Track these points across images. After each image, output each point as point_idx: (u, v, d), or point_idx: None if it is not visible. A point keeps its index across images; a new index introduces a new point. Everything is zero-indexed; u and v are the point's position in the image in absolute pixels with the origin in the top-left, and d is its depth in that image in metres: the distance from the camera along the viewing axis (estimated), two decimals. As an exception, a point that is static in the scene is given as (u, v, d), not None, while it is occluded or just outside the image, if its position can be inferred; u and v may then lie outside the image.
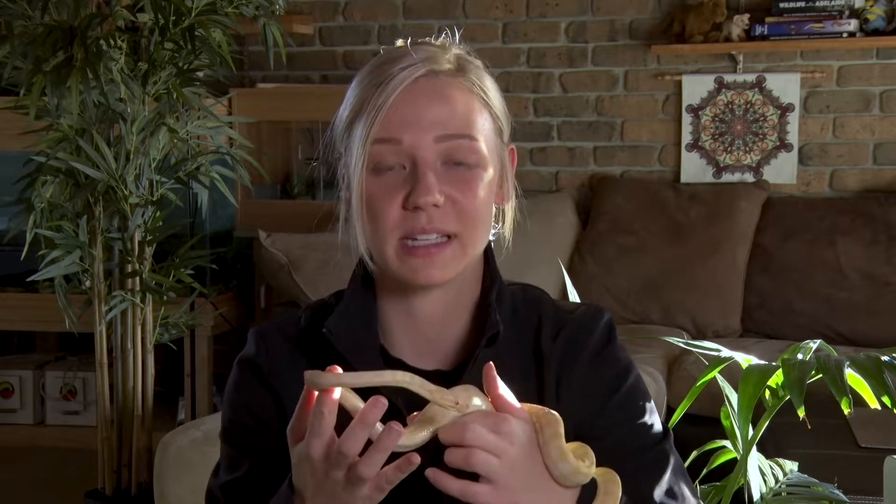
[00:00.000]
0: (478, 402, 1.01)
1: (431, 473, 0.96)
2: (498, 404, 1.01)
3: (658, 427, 1.17)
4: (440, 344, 1.17)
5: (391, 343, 1.17)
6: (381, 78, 1.10)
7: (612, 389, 1.15)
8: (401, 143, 1.09)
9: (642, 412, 1.16)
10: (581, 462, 1.02)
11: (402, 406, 1.05)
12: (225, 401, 1.21)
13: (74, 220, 2.88)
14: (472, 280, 1.17)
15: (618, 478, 1.04)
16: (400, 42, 1.17)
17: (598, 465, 1.06)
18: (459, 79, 1.13)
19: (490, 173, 1.13)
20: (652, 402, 1.19)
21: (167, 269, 2.98)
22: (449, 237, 1.11)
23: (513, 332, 1.16)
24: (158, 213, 2.96)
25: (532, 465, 0.99)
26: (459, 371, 1.13)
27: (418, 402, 1.00)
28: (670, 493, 1.12)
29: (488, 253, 1.19)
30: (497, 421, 0.98)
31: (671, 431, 1.18)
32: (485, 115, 1.14)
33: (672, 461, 1.14)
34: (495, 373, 1.01)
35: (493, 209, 1.18)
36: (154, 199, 2.92)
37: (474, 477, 0.98)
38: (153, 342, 3.03)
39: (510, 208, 1.22)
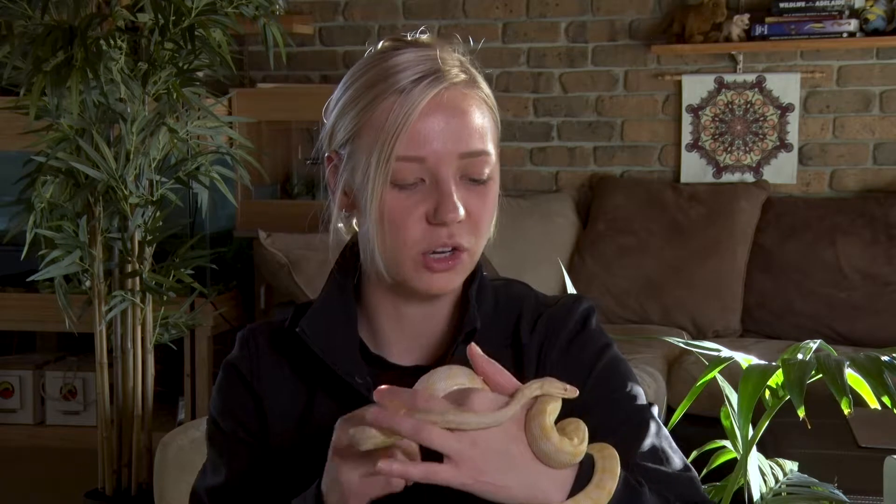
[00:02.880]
0: (462, 380, 0.98)
1: (385, 465, 0.91)
2: (488, 381, 0.99)
3: (641, 399, 1.16)
4: (424, 340, 1.18)
5: (376, 340, 1.18)
6: (393, 87, 1.09)
7: (590, 367, 1.15)
8: (424, 161, 1.09)
9: (623, 385, 1.16)
10: (567, 440, 0.96)
11: None
12: (211, 403, 1.22)
13: (74, 220, 2.88)
14: None
15: (616, 454, 1.00)
16: (386, 43, 1.15)
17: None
18: (473, 91, 1.12)
19: (497, 181, 1.15)
20: (634, 376, 1.18)
21: (167, 269, 2.98)
22: (462, 250, 1.12)
23: (493, 327, 1.17)
24: (158, 213, 2.96)
25: (508, 442, 0.94)
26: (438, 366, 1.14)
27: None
28: (653, 455, 1.11)
29: None
30: (461, 394, 0.96)
31: (655, 405, 1.18)
32: (493, 125, 1.14)
33: (654, 426, 1.14)
34: (478, 350, 1.00)
35: None
36: (154, 199, 2.92)
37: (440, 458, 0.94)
38: (153, 342, 3.03)
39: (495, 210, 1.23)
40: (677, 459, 1.13)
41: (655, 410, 1.17)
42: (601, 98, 4.29)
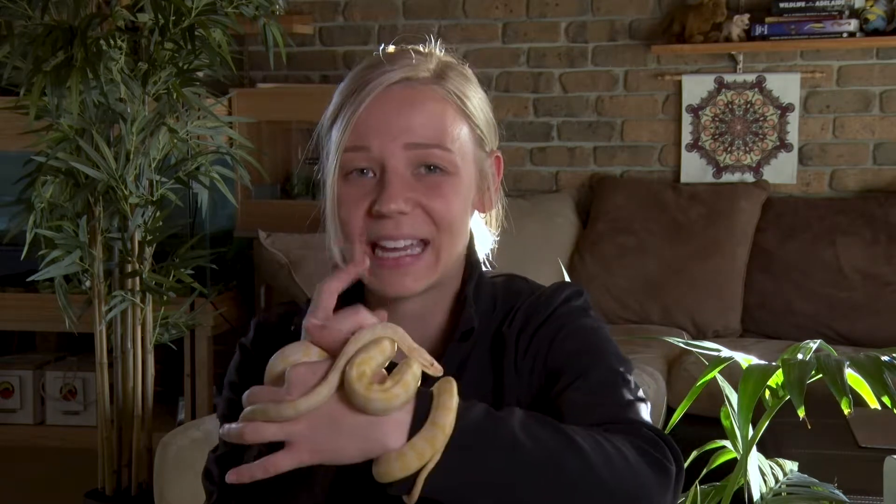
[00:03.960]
0: (296, 356, 0.97)
1: (232, 477, 0.94)
2: (323, 348, 0.98)
3: (607, 352, 1.12)
4: (423, 340, 1.16)
5: None
6: (358, 84, 1.11)
7: (552, 337, 1.13)
8: (370, 151, 1.09)
9: (583, 340, 1.13)
10: (377, 387, 0.92)
11: None
12: (225, 382, 1.23)
13: (74, 220, 2.88)
14: (454, 275, 1.18)
15: (452, 388, 0.96)
16: (391, 48, 1.17)
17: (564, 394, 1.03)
18: (434, 87, 1.12)
19: (463, 181, 1.13)
20: (605, 338, 1.14)
21: (167, 269, 2.98)
22: (425, 243, 1.11)
23: (488, 324, 1.16)
24: (158, 213, 2.95)
25: (329, 406, 0.93)
26: None
27: None
28: (597, 387, 1.07)
29: (469, 246, 1.19)
30: (285, 375, 0.96)
31: (630, 364, 1.14)
32: (460, 124, 1.13)
33: (606, 367, 1.10)
34: (309, 321, 0.99)
35: (470, 217, 1.18)
36: (154, 199, 2.92)
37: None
38: (153, 342, 3.03)
39: (495, 217, 1.22)
40: (628, 394, 1.09)
41: (628, 367, 1.12)
42: (601, 98, 4.29)
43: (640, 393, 1.10)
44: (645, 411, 1.08)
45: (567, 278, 2.00)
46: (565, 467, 0.94)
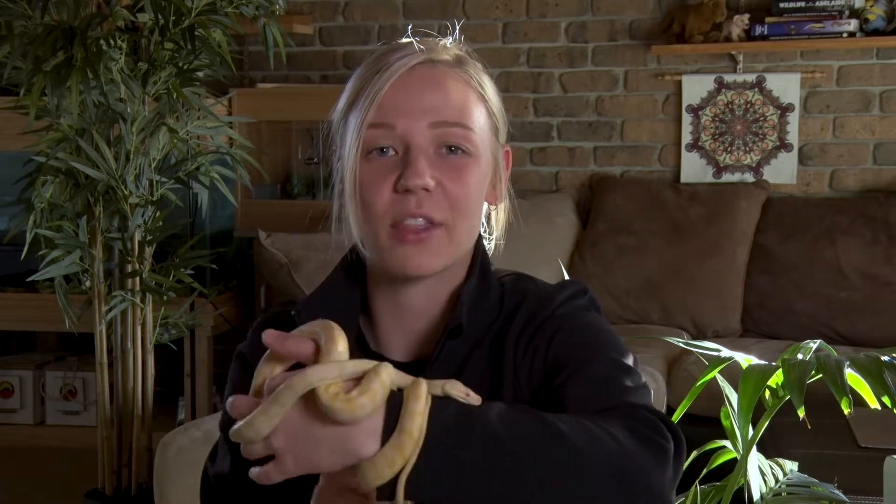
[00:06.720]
0: (266, 372, 0.97)
1: (252, 471, 0.96)
2: (292, 358, 0.97)
3: (611, 347, 1.11)
4: (420, 336, 1.18)
5: (378, 338, 1.19)
6: (378, 66, 1.12)
7: (560, 326, 1.12)
8: (394, 128, 1.10)
9: (585, 334, 1.12)
10: (342, 396, 0.91)
11: None
12: (224, 393, 1.22)
13: (74, 220, 2.88)
14: (459, 273, 1.17)
15: (419, 392, 0.93)
16: (404, 40, 1.18)
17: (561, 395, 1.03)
18: (457, 70, 1.14)
19: (482, 165, 1.14)
20: (608, 334, 1.13)
21: (167, 269, 2.98)
22: (436, 224, 1.11)
23: (491, 325, 1.16)
24: (158, 213, 2.96)
25: (304, 420, 0.93)
26: (428, 363, 1.14)
27: None
28: (603, 381, 1.06)
29: (477, 244, 1.19)
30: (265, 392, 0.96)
31: (633, 356, 1.12)
32: (480, 108, 1.15)
33: (609, 360, 1.08)
34: (271, 333, 0.97)
35: (484, 205, 1.18)
36: (154, 199, 2.92)
37: None
38: (153, 342, 3.03)
39: (503, 210, 1.22)
40: (628, 382, 1.07)
41: (630, 360, 1.11)
42: (601, 98, 4.29)
43: (642, 381, 1.09)
44: (645, 397, 1.07)
45: (567, 279, 2.00)
46: (550, 454, 0.93)
